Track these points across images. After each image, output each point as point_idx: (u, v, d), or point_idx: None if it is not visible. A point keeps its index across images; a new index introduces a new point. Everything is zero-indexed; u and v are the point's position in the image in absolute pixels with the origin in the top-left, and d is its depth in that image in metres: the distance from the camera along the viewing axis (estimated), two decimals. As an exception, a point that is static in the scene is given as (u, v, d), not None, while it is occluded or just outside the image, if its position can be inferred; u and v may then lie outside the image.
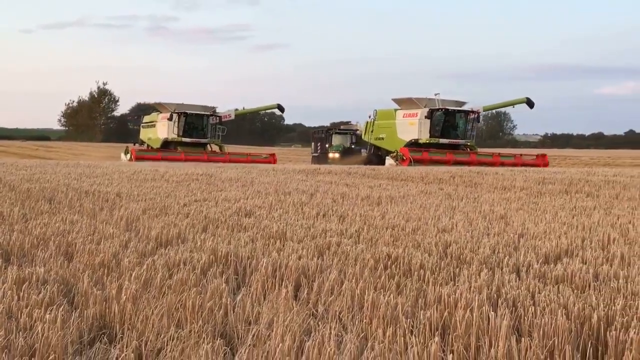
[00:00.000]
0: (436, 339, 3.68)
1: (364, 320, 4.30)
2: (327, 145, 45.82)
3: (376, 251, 6.24)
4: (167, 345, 3.86)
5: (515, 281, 5.14)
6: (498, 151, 39.34)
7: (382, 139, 39.15)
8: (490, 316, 4.03)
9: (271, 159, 41.94)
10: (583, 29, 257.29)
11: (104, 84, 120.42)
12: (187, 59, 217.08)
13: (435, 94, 38.35)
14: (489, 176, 17.75)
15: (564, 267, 5.57)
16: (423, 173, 19.53)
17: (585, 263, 5.85)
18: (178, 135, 41.84)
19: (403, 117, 38.31)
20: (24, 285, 4.95)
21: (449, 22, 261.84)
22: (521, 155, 39.12)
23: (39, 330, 3.87)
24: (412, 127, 37.33)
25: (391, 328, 4.02)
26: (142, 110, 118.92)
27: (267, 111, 48.78)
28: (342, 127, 51.04)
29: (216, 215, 8.86)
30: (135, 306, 4.50)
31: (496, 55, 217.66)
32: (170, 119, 41.72)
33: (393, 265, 5.69)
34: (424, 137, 36.70)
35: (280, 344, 3.63)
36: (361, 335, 3.99)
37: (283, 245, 6.62)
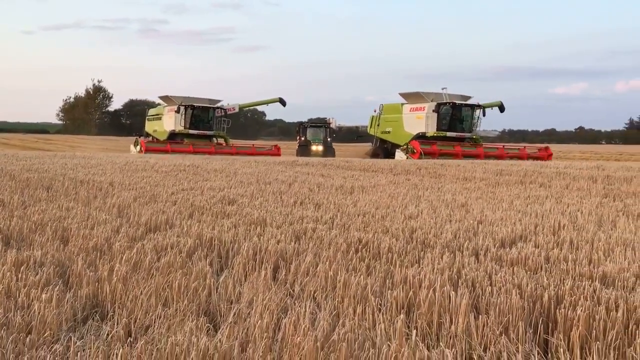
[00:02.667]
0: (401, 316, 3.68)
1: (337, 299, 4.29)
2: (302, 138, 45.06)
3: (348, 236, 6.23)
4: (154, 322, 3.83)
5: (474, 263, 5.16)
6: (503, 145, 37.63)
7: (389, 132, 37.63)
8: (451, 295, 4.04)
9: (276, 151, 40.56)
10: (538, 34, 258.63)
11: (99, 81, 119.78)
12: (175, 58, 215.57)
13: (443, 88, 36.69)
14: (452, 168, 17.81)
15: (519, 250, 5.60)
16: (392, 165, 19.57)
17: (538, 247, 5.89)
18: (185, 128, 40.62)
19: (410, 111, 36.65)
20: (22, 267, 4.89)
21: (414, 28, 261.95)
22: (525, 147, 37.27)
23: (36, 309, 3.83)
24: (419, 121, 35.65)
25: (361, 306, 4.02)
26: (134, 105, 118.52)
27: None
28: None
29: (202, 203, 8.80)
30: (126, 287, 4.46)
31: (457, 57, 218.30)
32: (177, 111, 40.46)
33: (363, 249, 5.69)
34: (431, 131, 35.13)
35: (259, 321, 3.61)
36: (333, 313, 3.98)
37: (263, 231, 6.59)
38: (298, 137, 46.34)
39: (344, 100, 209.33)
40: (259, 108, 49.87)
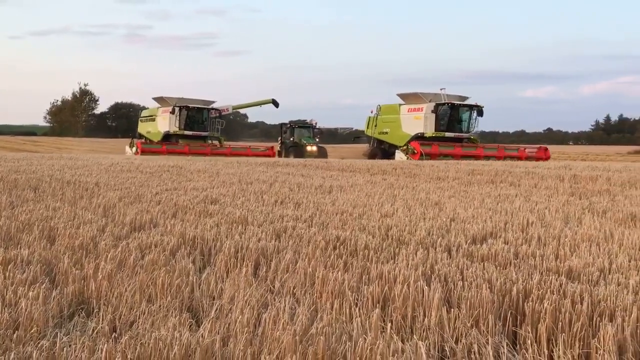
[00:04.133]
0: (377, 310, 3.70)
1: (315, 295, 4.30)
2: (291, 139, 43.23)
3: (327, 234, 6.23)
4: (139, 318, 3.81)
5: (447, 259, 5.18)
6: (502, 145, 36.66)
7: (386, 133, 36.32)
8: (424, 290, 4.06)
9: (270, 152, 39.60)
10: (508, 42, 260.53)
11: (85, 85, 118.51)
12: (159, 62, 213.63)
13: (441, 89, 35.54)
14: (426, 168, 17.89)
15: (489, 247, 5.63)
16: (369, 165, 19.60)
17: (507, 243, 5.92)
18: (179, 129, 39.42)
19: (408, 111, 35.48)
20: (10, 266, 4.83)
21: (388, 35, 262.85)
22: (524, 148, 35.88)
23: (23, 306, 3.79)
24: (417, 121, 34.53)
25: (338, 301, 4.03)
26: (119, 108, 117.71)
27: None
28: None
29: (185, 202, 8.76)
30: (111, 284, 4.44)
31: (430, 63, 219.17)
32: (172, 112, 39.22)
33: (341, 246, 5.69)
34: (430, 131, 34.06)
35: (240, 316, 3.61)
36: (312, 308, 3.98)
37: (244, 229, 6.58)
38: (280, 138, 45.50)
39: (322, 102, 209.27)
40: (241, 110, 48.31)
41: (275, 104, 44.03)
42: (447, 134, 34.27)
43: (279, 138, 45.21)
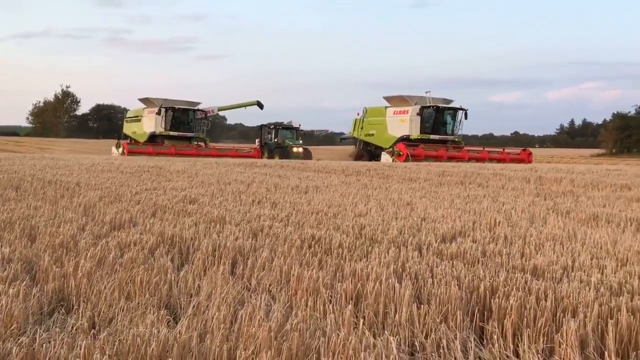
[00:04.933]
0: (350, 307, 3.70)
1: (290, 292, 4.29)
2: (276, 140, 42.60)
3: (302, 233, 6.23)
4: (118, 315, 3.78)
5: (418, 257, 5.20)
6: (486, 148, 36.42)
7: (372, 135, 36.10)
8: (395, 287, 4.07)
9: (255, 153, 38.91)
10: (477, 49, 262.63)
11: (67, 87, 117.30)
12: (139, 66, 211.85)
13: (426, 92, 35.44)
14: (399, 169, 17.95)
15: (458, 245, 5.66)
16: (344, 166, 19.62)
17: (475, 242, 5.96)
18: (165, 129, 38.73)
19: (393, 114, 35.29)
20: (-10, 264, 4.77)
21: (365, 42, 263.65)
22: (507, 152, 35.61)
23: (3, 303, 3.73)
24: (403, 124, 34.36)
25: (313, 298, 4.02)
26: (101, 109, 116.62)
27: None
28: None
29: (164, 202, 8.70)
30: (90, 281, 4.39)
31: (405, 68, 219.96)
32: (158, 113, 38.56)
33: (316, 245, 5.69)
34: (415, 133, 33.85)
35: (217, 313, 3.59)
36: (287, 305, 3.97)
37: (222, 228, 6.54)
38: (260, 139, 43.98)
39: (300, 105, 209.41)
40: (220, 112, 47.48)
41: (260, 105, 43.48)
42: (432, 137, 34.07)
43: (257, 139, 44.66)
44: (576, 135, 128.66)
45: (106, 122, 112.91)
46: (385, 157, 32.88)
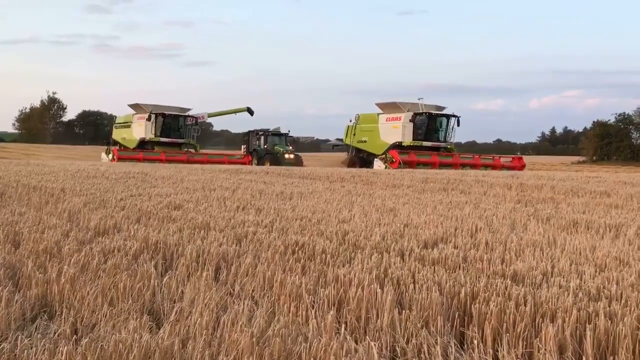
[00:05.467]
0: (331, 312, 3.69)
1: (273, 298, 4.28)
2: (265, 146, 42.01)
3: (286, 239, 6.21)
4: (100, 321, 3.75)
5: (400, 263, 5.20)
6: (478, 155, 36.40)
7: (365, 141, 35.84)
8: (377, 292, 4.07)
9: (246, 160, 38.58)
10: (463, 56, 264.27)
11: (54, 93, 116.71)
12: (126, 72, 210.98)
13: (419, 99, 35.35)
14: (382, 176, 17.98)
15: (440, 251, 5.67)
16: (329, 172, 19.63)
17: (457, 248, 5.98)
18: (155, 135, 38.27)
19: (386, 120, 35.09)
20: (-27, 270, 4.71)
21: (349, 48, 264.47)
22: (500, 158, 35.76)
23: (-15, 310, 3.69)
24: (395, 130, 34.22)
25: (295, 304, 4.01)
26: (87, 116, 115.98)
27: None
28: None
29: (149, 208, 8.65)
30: (73, 287, 4.35)
31: (387, 74, 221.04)
32: (149, 119, 38.07)
33: (300, 251, 5.67)
34: (408, 140, 33.70)
35: (199, 319, 3.57)
36: (270, 310, 3.96)
37: (207, 234, 6.51)
38: (246, 146, 43.21)
39: (286, 112, 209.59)
40: (208, 119, 46.77)
41: (250, 112, 43.12)
42: (425, 143, 33.89)
43: (243, 146, 44.21)
44: (558, 143, 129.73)
45: (92, 128, 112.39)
46: (377, 164, 32.61)
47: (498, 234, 6.92)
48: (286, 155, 40.29)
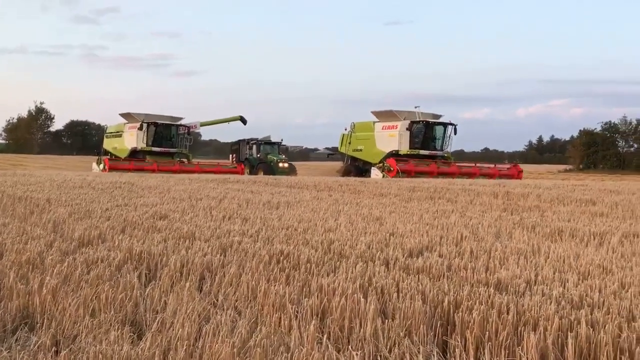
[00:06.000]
0: (313, 321, 3.68)
1: (257, 308, 4.26)
2: (258, 155, 41.80)
3: (271, 248, 6.19)
4: (82, 332, 3.72)
5: (384, 272, 5.19)
6: (477, 164, 35.88)
7: (360, 150, 35.48)
8: (361, 302, 4.06)
9: (239, 169, 37.93)
10: (450, 64, 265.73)
11: (41, 103, 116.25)
12: (115, 82, 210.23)
13: (416, 107, 34.97)
14: (370, 185, 17.99)
15: (424, 260, 5.67)
16: (316, 181, 19.62)
17: (442, 257, 5.98)
18: (147, 145, 37.80)
19: (382, 129, 34.67)
20: (-47, 282, 4.66)
21: (337, 57, 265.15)
22: (495, 165, 35.89)
23: (-36, 322, 3.65)
24: (392, 139, 33.81)
25: (279, 314, 4.00)
26: (75, 126, 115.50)
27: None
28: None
29: (134, 218, 8.60)
30: (55, 299, 4.32)
31: (375, 84, 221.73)
32: (140, 128, 37.58)
33: (285, 260, 5.66)
34: (405, 149, 33.31)
35: (181, 330, 3.55)
36: (252, 321, 3.94)
37: (191, 244, 6.48)
38: (235, 155, 43.00)
39: (273, 121, 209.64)
40: (200, 128, 46.05)
41: (243, 121, 42.72)
42: (422, 152, 33.58)
43: (233, 155, 43.78)
44: (545, 151, 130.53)
45: (80, 138, 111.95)
46: (375, 173, 32.18)
47: (483, 242, 6.93)
48: (280, 164, 40.06)
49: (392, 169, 31.18)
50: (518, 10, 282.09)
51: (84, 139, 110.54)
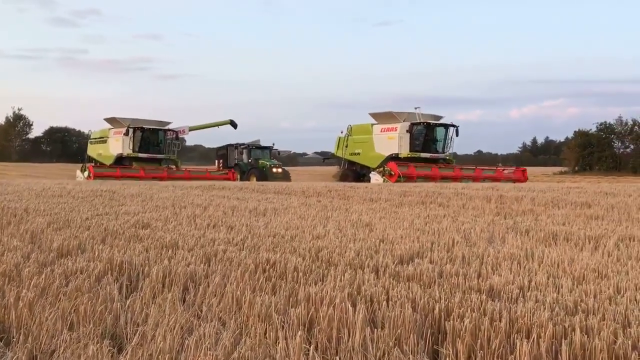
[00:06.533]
0: (300, 332, 3.67)
1: (242, 319, 4.24)
2: (250, 160, 41.21)
3: (257, 257, 6.18)
4: (59, 347, 3.68)
5: (374, 279, 5.19)
6: (479, 167, 35.25)
7: (358, 154, 34.64)
8: (349, 311, 4.05)
9: (230, 175, 37.50)
10: (440, 65, 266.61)
11: (19, 109, 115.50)
12: (95, 86, 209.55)
13: (416, 108, 34.19)
14: (360, 189, 18.00)
15: (415, 266, 5.68)
16: (304, 187, 19.61)
17: (433, 263, 5.99)
18: (134, 151, 37.26)
19: (381, 131, 33.85)
20: None
21: (322, 60, 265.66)
22: (502, 169, 34.79)
23: (-64, 338, 3.61)
24: (391, 142, 33.02)
25: (264, 324, 3.98)
26: (54, 132, 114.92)
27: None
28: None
29: (115, 227, 8.56)
30: (32, 312, 4.28)
31: (364, 85, 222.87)
32: (126, 134, 37.04)
33: (271, 269, 5.64)
34: (405, 152, 32.54)
35: (163, 342, 3.52)
36: (237, 332, 3.92)
37: (174, 254, 6.45)
38: (222, 160, 42.21)
39: (260, 125, 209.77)
40: (188, 133, 45.10)
41: (234, 125, 42.35)
42: (423, 155, 32.89)
43: (220, 160, 43.06)
44: (539, 153, 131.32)
45: (60, 145, 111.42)
46: (375, 177, 31.50)
47: (475, 247, 6.94)
48: (274, 170, 39.51)
49: (393, 173, 30.46)
50: (509, 9, 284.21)
51: (63, 145, 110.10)
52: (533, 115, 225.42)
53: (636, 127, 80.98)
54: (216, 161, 43.70)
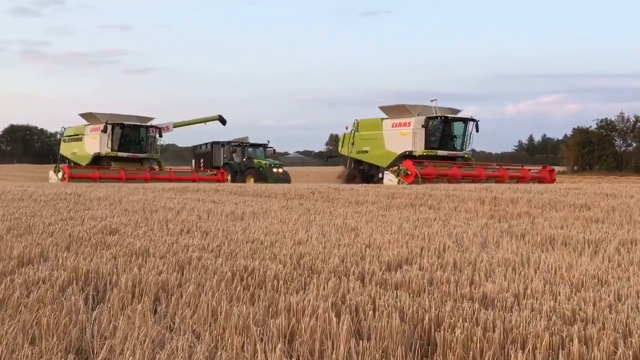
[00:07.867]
0: (279, 345, 3.68)
1: (218, 331, 4.24)
2: (244, 159, 40.04)
3: (234, 264, 6.18)
4: (20, 363, 3.67)
5: (360, 288, 5.21)
6: (504, 165, 33.21)
7: (366, 152, 33.02)
8: (333, 321, 4.07)
9: (219, 177, 35.92)
10: (432, 59, 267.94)
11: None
12: (59, 81, 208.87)
13: (432, 100, 32.48)
14: (345, 192, 18.03)
15: (403, 273, 5.71)
16: (285, 189, 19.61)
17: (422, 269, 6.02)
18: (112, 150, 35.88)
19: (392, 126, 32.10)
20: None
21: (308, 53, 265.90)
22: (529, 169, 32.73)
23: None
24: (404, 138, 31.35)
25: (242, 337, 3.99)
26: (15, 131, 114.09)
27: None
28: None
29: (81, 233, 8.52)
30: (-10, 325, 4.25)
31: (352, 81, 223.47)
32: (104, 130, 35.63)
33: (249, 277, 5.65)
34: (419, 149, 30.86)
35: (132, 357, 3.52)
36: (212, 345, 3.92)
37: (145, 262, 6.44)
38: (202, 160, 41.05)
39: (240, 122, 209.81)
40: (172, 130, 43.44)
41: (222, 121, 41.52)
42: (440, 152, 31.35)
43: (200, 160, 41.89)
44: (536, 152, 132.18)
45: (21, 145, 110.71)
46: (388, 177, 29.43)
47: (467, 253, 6.99)
48: (274, 170, 38.57)
49: (409, 172, 28.47)
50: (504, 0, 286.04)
51: (25, 145, 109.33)
52: (529, 111, 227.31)
53: (639, 123, 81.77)
54: (193, 161, 42.65)
